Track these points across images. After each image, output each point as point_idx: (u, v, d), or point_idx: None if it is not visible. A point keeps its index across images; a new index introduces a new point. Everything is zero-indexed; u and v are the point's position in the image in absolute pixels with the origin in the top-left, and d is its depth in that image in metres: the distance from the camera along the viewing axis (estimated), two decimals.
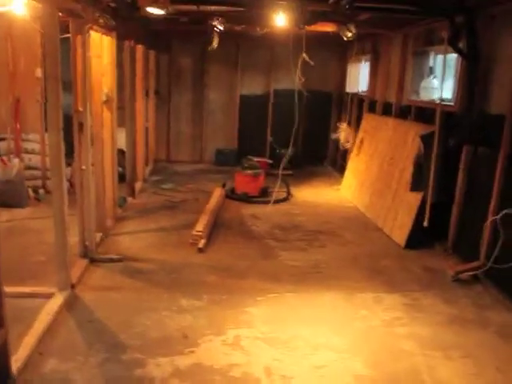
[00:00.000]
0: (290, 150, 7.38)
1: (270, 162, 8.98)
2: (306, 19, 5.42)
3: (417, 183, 5.73)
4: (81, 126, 4.67)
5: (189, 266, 4.98)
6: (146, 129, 8.47)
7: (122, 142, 6.71)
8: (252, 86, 10.09)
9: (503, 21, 4.87)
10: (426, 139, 5.65)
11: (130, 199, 7.00)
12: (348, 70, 9.59)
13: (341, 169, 9.57)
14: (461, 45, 5.06)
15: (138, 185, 7.62)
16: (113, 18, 4.94)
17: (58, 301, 4.04)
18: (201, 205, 7.07)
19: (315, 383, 3.21)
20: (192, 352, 3.49)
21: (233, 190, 7.67)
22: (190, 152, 10.22)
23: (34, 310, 3.83)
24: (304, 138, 9.97)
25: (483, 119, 5.04)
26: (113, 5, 4.78)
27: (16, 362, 3.14)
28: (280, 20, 5.34)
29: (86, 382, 3.12)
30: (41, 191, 6.95)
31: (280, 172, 6.68)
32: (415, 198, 5.71)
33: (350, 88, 9.34)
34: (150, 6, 4.86)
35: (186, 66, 9.94)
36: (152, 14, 5.16)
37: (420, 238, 5.65)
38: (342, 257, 5.41)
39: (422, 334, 3.85)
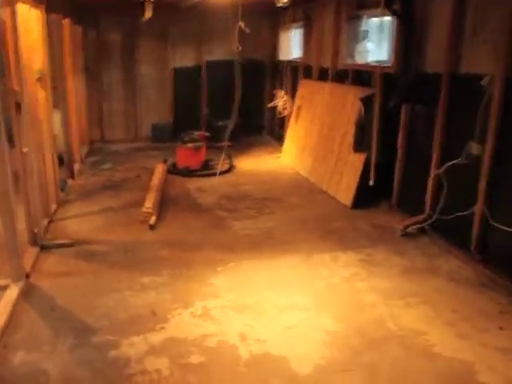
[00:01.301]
0: (231, 121, 7.31)
1: (208, 134, 8.90)
2: None
3: (359, 144, 5.90)
4: (18, 106, 4.43)
5: (142, 244, 4.91)
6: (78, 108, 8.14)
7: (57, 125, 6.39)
8: (184, 58, 9.87)
9: None
10: (366, 101, 5.81)
11: (70, 181, 6.75)
12: (280, 37, 9.60)
13: (279, 137, 9.67)
14: (395, 7, 5.20)
15: (76, 167, 7.36)
16: None
17: (14, 292, 3.88)
18: (143, 182, 6.96)
19: (289, 343, 3.30)
20: (163, 328, 3.48)
21: (174, 165, 7.57)
22: (125, 130, 9.91)
23: None
24: (240, 108, 9.92)
25: (419, 78, 5.23)
26: None
27: None
28: None
29: (60, 369, 3.05)
30: None
31: (226, 143, 6.64)
32: (359, 159, 5.88)
33: (283, 55, 9.37)
34: None
35: (115, 42, 9.54)
36: None
37: (366, 197, 5.85)
38: (292, 221, 5.51)
39: (381, 286, 4.04)
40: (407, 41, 5.25)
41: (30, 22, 5.08)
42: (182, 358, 3.15)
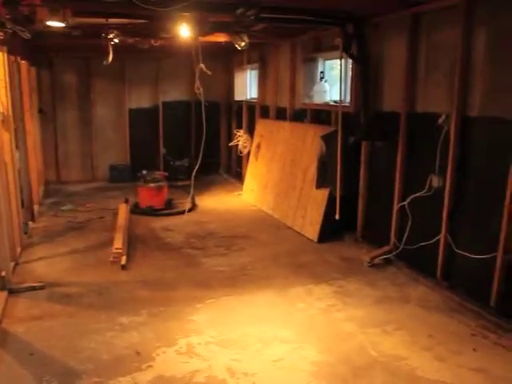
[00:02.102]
0: (191, 161, 7.39)
1: (166, 174, 8.95)
2: (207, 30, 5.57)
3: (322, 180, 6.13)
4: None
5: (116, 285, 4.86)
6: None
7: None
8: (140, 99, 9.99)
9: (386, 28, 5.42)
10: (327, 139, 6.07)
11: (31, 224, 6.60)
12: (235, 78, 9.87)
13: (237, 175, 9.84)
14: (352, 51, 5.54)
15: (36, 208, 7.20)
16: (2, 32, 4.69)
17: None
18: (107, 223, 6.92)
19: (278, 375, 3.35)
20: (150, 366, 3.45)
21: (137, 205, 7.55)
22: (82, 171, 9.82)
23: None
24: (196, 149, 10.07)
25: (378, 117, 5.56)
26: (7, 17, 4.50)
27: None
28: (182, 31, 5.41)
29: None
30: None
31: (192, 181, 6.71)
32: (322, 195, 6.10)
33: (239, 96, 9.64)
34: (50, 19, 4.67)
35: (70, 83, 9.54)
36: (49, 27, 4.95)
37: (331, 231, 6.05)
38: (262, 257, 5.61)
39: (357, 316, 4.18)
40: (365, 82, 5.58)
41: None
42: None
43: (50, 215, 7.37)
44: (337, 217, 5.79)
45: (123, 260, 5.30)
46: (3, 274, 4.62)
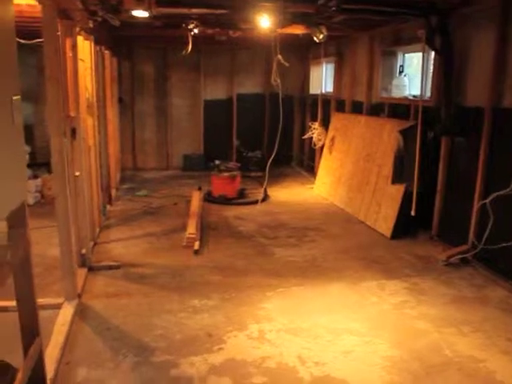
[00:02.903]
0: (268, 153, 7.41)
1: (239, 165, 9.04)
2: (286, 21, 5.56)
3: (398, 176, 5.98)
4: (73, 131, 4.58)
5: (189, 268, 4.97)
6: None
7: None
8: (215, 90, 10.16)
9: (473, 20, 5.20)
10: (405, 133, 5.92)
11: (108, 207, 6.87)
12: (311, 72, 9.83)
13: (309, 168, 9.81)
14: (436, 43, 5.36)
15: (113, 192, 7.49)
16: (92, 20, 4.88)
17: (69, 311, 3.95)
18: (181, 209, 7.09)
19: (349, 367, 3.31)
20: (221, 349, 3.51)
21: (210, 193, 7.68)
22: (157, 159, 10.14)
23: (45, 321, 3.72)
24: (269, 141, 10.14)
25: (460, 112, 5.35)
26: (96, 7, 4.69)
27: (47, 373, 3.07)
28: (262, 22, 5.43)
29: None
30: None
31: (267, 172, 6.73)
32: (397, 190, 5.95)
33: (314, 89, 9.59)
34: (136, 8, 4.82)
35: (148, 73, 9.86)
36: (134, 17, 5.12)
37: (404, 227, 5.89)
38: (334, 250, 5.56)
39: (432, 314, 4.05)
40: (447, 75, 5.38)
41: (84, 53, 5.29)
42: (244, 378, 3.17)
43: (126, 199, 7.65)
44: (413, 213, 5.64)
45: (196, 245, 5.41)
46: (84, 251, 4.85)
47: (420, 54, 6.77)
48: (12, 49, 2.42)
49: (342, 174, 7.46)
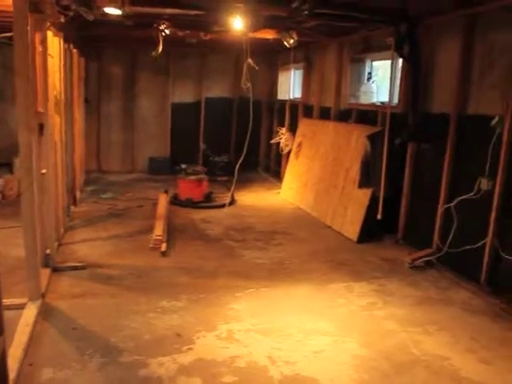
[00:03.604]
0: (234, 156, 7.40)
1: (205, 169, 9.01)
2: (259, 24, 5.60)
3: (365, 180, 6.07)
4: (41, 127, 4.48)
5: (156, 270, 4.91)
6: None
7: None
8: (184, 94, 10.11)
9: (440, 29, 5.35)
10: (373, 138, 6.02)
11: (72, 208, 6.73)
12: (279, 77, 9.91)
13: (275, 174, 9.85)
14: (404, 51, 5.49)
15: (77, 194, 7.34)
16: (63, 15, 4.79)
17: (32, 311, 3.83)
18: (147, 211, 7.01)
19: (319, 366, 3.32)
20: (190, 349, 3.47)
21: (176, 197, 7.62)
22: (122, 161, 9.99)
23: (8, 321, 3.56)
24: (236, 145, 10.15)
25: (426, 118, 5.48)
26: (68, 1, 4.60)
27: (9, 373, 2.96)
28: (236, 24, 5.45)
29: None
30: None
31: (235, 176, 6.74)
32: (364, 195, 6.04)
33: (282, 95, 9.66)
34: (108, 5, 4.76)
35: (116, 74, 9.74)
36: (106, 14, 5.05)
37: (370, 231, 5.98)
38: (301, 253, 5.58)
39: (399, 314, 4.12)
40: (414, 82, 5.51)
41: (53, 49, 5.18)
42: (214, 377, 3.14)
43: (91, 202, 7.51)
44: (379, 217, 5.73)
45: (163, 247, 5.35)
46: (48, 251, 4.72)
47: (387, 62, 6.95)
48: None
49: (309, 179, 7.52)
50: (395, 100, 6.07)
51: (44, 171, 4.60)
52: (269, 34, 6.76)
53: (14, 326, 3.52)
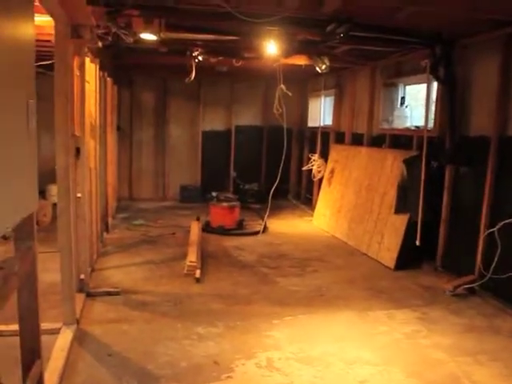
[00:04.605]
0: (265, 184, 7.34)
1: (236, 197, 8.96)
2: (292, 48, 5.59)
3: (401, 205, 5.93)
4: (77, 151, 4.48)
5: (190, 296, 4.80)
6: None
7: None
8: (214, 121, 10.16)
9: (477, 50, 5.26)
10: (409, 163, 5.90)
11: (105, 235, 6.71)
12: (309, 104, 9.89)
13: (306, 201, 9.74)
14: (439, 73, 5.41)
15: (110, 221, 7.34)
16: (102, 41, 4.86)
17: (67, 336, 3.76)
18: (179, 239, 6.95)
19: None
20: (229, 377, 3.34)
21: (208, 224, 7.55)
22: (153, 189, 10.02)
23: (43, 346, 3.53)
24: (266, 173, 10.11)
25: (464, 141, 5.35)
26: (105, 28, 4.67)
27: None
28: (269, 49, 5.45)
29: None
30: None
31: (269, 203, 6.69)
32: (401, 220, 5.88)
33: (313, 122, 9.62)
34: (145, 31, 4.82)
35: (147, 101, 9.86)
36: (141, 39, 5.10)
37: (408, 258, 5.79)
38: (338, 280, 5.42)
39: (446, 343, 3.92)
40: (451, 105, 5.40)
41: (89, 75, 5.24)
42: None
43: (123, 228, 7.50)
44: (417, 243, 5.56)
45: (197, 273, 5.25)
46: (82, 276, 4.67)
47: (417, 87, 6.88)
48: (30, 55, 2.35)
49: (343, 206, 7.38)
50: (430, 124, 5.96)
51: (79, 195, 4.59)
52: (301, 60, 6.75)
53: (48, 351, 3.44)
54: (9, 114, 2.01)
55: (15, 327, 2.72)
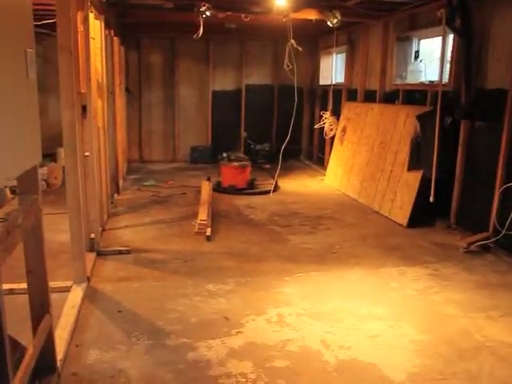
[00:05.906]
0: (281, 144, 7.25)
1: (247, 157, 8.88)
2: (302, 1, 5.41)
3: (414, 162, 5.81)
4: (84, 108, 4.41)
5: (201, 254, 4.80)
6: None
7: None
8: (224, 81, 9.99)
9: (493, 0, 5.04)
10: (422, 119, 5.75)
11: (115, 196, 6.70)
12: (321, 62, 9.67)
13: (318, 161, 9.65)
14: (456, 24, 5.20)
15: (120, 182, 7.32)
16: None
17: (78, 293, 3.78)
18: (190, 198, 6.93)
19: (376, 350, 3.13)
20: (240, 332, 3.33)
21: (219, 184, 7.51)
22: (163, 151, 9.98)
23: (54, 304, 3.52)
24: (277, 133, 9.98)
25: (480, 95, 5.18)
26: None
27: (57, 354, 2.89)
28: (278, 2, 5.28)
29: (139, 369, 2.90)
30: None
31: (279, 163, 6.62)
32: (414, 177, 5.77)
33: (324, 80, 9.42)
34: None
35: (155, 63, 9.71)
36: None
37: (421, 215, 5.71)
38: (350, 238, 5.38)
39: (458, 299, 3.88)
40: (468, 57, 5.22)
41: (94, 31, 5.12)
42: (266, 361, 2.99)
43: (134, 189, 7.49)
44: (431, 199, 5.46)
45: (208, 231, 5.24)
46: (92, 235, 4.67)
47: (431, 46, 6.64)
48: (27, 2, 2.26)
49: (355, 164, 7.28)
50: (445, 78, 5.77)
51: (87, 154, 4.55)
52: (311, 14, 6.54)
53: (59, 308, 3.46)
54: (5, 61, 1.94)
55: (25, 286, 2.71)
